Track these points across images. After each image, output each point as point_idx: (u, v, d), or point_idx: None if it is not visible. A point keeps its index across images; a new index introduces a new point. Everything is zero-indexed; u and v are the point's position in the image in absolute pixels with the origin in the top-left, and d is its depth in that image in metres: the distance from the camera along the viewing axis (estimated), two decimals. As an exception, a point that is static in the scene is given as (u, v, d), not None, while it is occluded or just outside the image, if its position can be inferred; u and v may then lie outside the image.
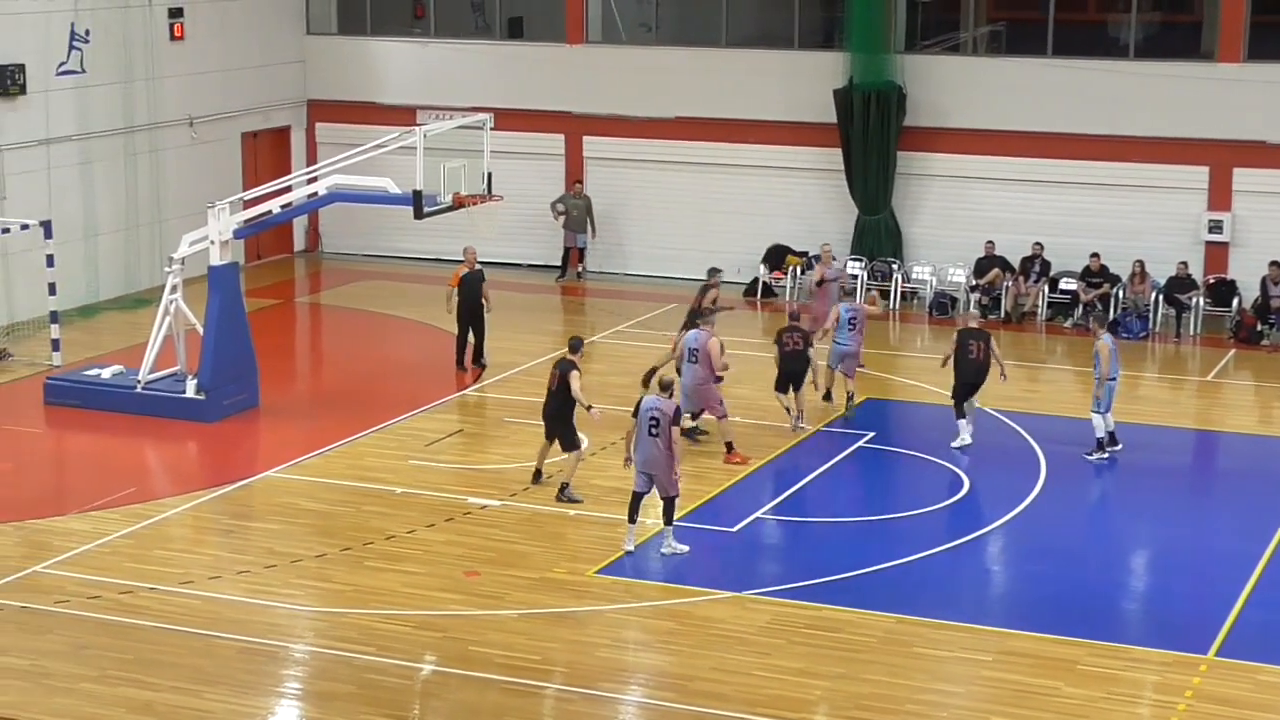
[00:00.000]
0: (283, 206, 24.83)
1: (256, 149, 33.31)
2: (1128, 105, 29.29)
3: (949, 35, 32.70)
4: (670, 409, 18.27)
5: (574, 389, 20.04)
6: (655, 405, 18.33)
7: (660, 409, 18.27)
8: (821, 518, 20.01)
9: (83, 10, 29.26)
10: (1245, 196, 28.92)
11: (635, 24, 33.73)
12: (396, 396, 24.27)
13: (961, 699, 15.43)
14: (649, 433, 18.26)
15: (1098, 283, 28.93)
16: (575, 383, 20.06)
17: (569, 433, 20.29)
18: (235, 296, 23.82)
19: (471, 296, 25.46)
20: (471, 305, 25.52)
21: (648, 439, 18.28)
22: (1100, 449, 21.82)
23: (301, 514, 19.86)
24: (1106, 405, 21.75)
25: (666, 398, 18.47)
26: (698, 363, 21.71)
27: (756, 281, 31.06)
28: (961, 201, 30.43)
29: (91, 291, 29.72)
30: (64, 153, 29.14)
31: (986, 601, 17.94)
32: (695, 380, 21.73)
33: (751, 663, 15.97)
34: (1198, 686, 15.55)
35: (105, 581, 17.68)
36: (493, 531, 19.26)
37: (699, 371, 21.70)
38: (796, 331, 22.82)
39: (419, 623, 16.81)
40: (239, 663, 15.91)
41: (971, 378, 22.29)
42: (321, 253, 34.59)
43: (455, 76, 32.96)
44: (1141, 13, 30.54)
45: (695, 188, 31.87)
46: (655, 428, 18.22)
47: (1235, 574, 18.11)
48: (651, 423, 18.25)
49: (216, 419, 23.13)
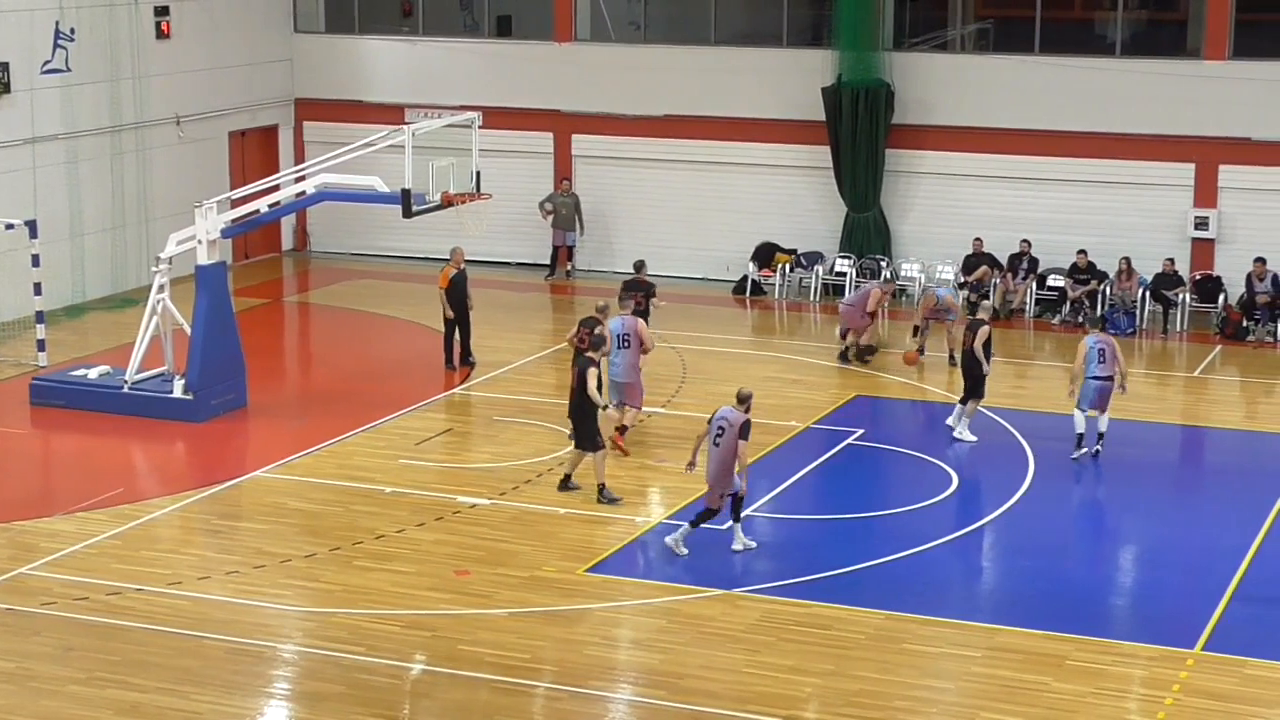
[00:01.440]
0: (270, 206, 24.78)
1: (244, 148, 33.27)
2: (1114, 102, 29.35)
3: (937, 33, 32.73)
4: (738, 422, 18.09)
5: (589, 387, 19.86)
6: (724, 416, 18.18)
7: (728, 420, 18.12)
8: (811, 515, 20.03)
9: (68, 8, 29.20)
10: (1231, 193, 29.00)
11: (624, 22, 33.71)
12: (385, 396, 24.25)
13: (951, 695, 15.45)
14: (713, 442, 18.16)
15: (1085, 279, 28.98)
16: (591, 380, 19.90)
17: (591, 432, 20.02)
18: (223, 296, 23.78)
19: (459, 296, 25.45)
20: (458, 305, 25.51)
21: (712, 448, 18.17)
22: (1077, 446, 21.74)
23: (290, 514, 19.84)
24: (1089, 403, 21.64)
25: (741, 410, 18.28)
26: (629, 348, 21.69)
27: (746, 279, 31.08)
28: (950, 199, 30.48)
29: (78, 291, 29.66)
30: (50, 152, 29.08)
31: (975, 598, 17.98)
32: (626, 364, 21.72)
33: (741, 660, 15.98)
34: (1185, 681, 15.59)
35: (92, 583, 17.65)
36: (482, 530, 19.25)
37: (629, 356, 21.71)
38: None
39: (408, 622, 16.81)
40: (227, 663, 15.89)
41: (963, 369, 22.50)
42: (309, 252, 34.55)
43: (443, 75, 32.94)
44: (1128, 10, 30.59)
45: (684, 186, 31.88)
46: (720, 437, 18.11)
47: (1222, 568, 18.15)
48: (718, 432, 18.13)
49: (204, 419, 23.10)
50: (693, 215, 31.85)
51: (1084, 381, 21.62)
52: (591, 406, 20.03)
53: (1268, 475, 21.35)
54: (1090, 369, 21.57)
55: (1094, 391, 21.62)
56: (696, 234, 31.74)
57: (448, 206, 23.75)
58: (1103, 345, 21.71)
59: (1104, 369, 21.60)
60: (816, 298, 30.64)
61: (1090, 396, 21.64)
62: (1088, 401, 21.66)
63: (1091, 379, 21.58)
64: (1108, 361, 21.63)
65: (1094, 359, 21.57)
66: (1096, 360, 21.57)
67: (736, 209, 31.54)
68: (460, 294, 25.47)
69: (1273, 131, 28.64)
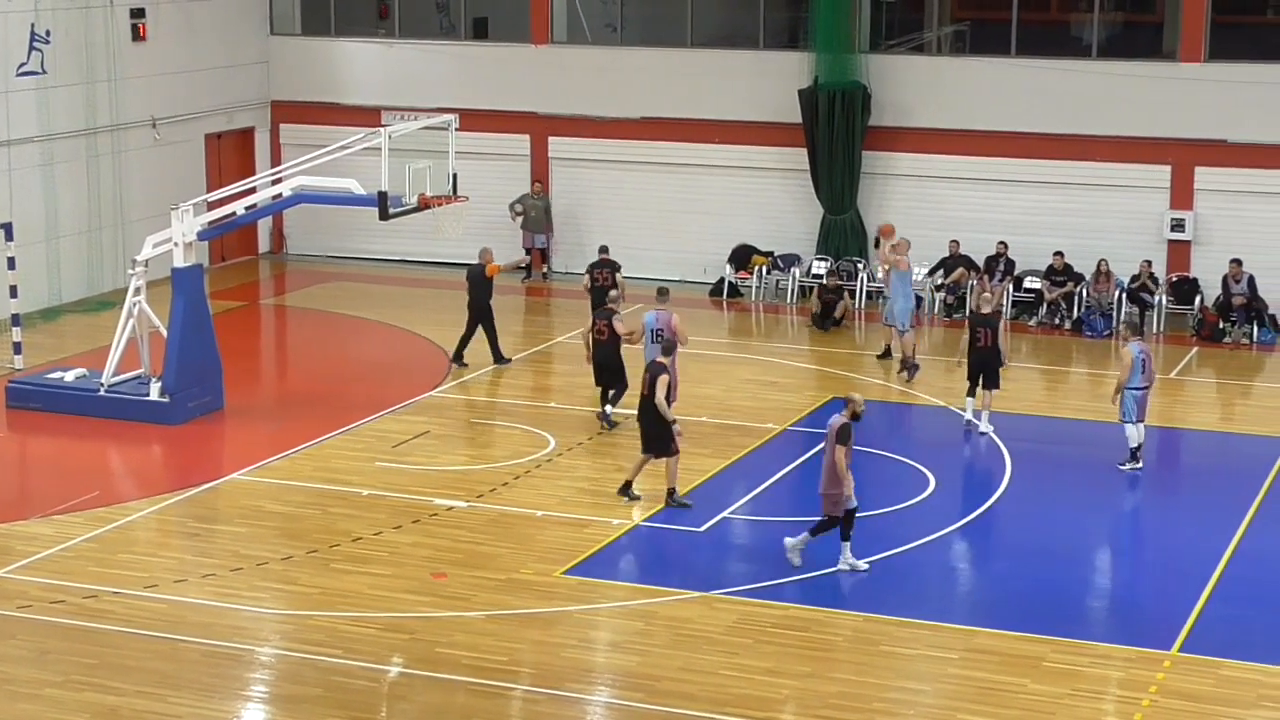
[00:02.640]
0: (247, 208, 24.75)
1: (220, 150, 33.19)
2: (1091, 104, 29.43)
3: (913, 35, 32.81)
4: (836, 424, 17.79)
5: (658, 396, 19.52)
6: (830, 421, 17.94)
7: (830, 425, 17.90)
8: (789, 517, 20.03)
9: (43, 10, 29.10)
10: (1207, 195, 29.09)
11: (600, 24, 33.71)
12: (363, 398, 24.21)
13: (928, 697, 15.48)
14: (823, 449, 17.96)
15: (1061, 281, 29.06)
16: (661, 389, 19.54)
17: (663, 437, 19.67)
18: (199, 299, 23.73)
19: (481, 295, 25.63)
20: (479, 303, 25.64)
21: (824, 456, 17.95)
22: (1133, 459, 21.38)
23: (267, 516, 19.80)
24: (1136, 415, 21.22)
25: (846, 415, 17.93)
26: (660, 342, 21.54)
27: (723, 281, 31.10)
28: (926, 201, 30.53)
29: (54, 294, 29.56)
30: (25, 154, 28.98)
31: (952, 600, 18.00)
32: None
33: (719, 662, 15.98)
34: (1162, 682, 15.64)
35: (69, 586, 17.59)
36: (460, 533, 19.23)
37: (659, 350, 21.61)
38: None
39: (386, 624, 16.78)
40: (204, 666, 15.85)
41: (978, 364, 22.51)
42: (286, 254, 34.47)
43: (420, 77, 32.90)
44: (1104, 12, 30.70)
45: (661, 188, 31.89)
46: (826, 444, 17.95)
47: (1198, 570, 18.21)
48: (826, 438, 17.97)
49: (181, 421, 23.04)
50: (670, 217, 31.85)
51: (1124, 393, 21.17)
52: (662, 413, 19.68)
53: (1244, 477, 21.41)
54: (1134, 379, 21.17)
55: (1135, 402, 21.18)
56: (673, 236, 31.74)
57: (424, 209, 23.71)
58: (1145, 355, 21.32)
59: (1144, 379, 21.30)
60: (793, 300, 30.68)
61: (1134, 409, 21.19)
62: (1134, 414, 21.23)
63: (1132, 389, 21.17)
64: (1148, 372, 21.35)
65: (1138, 369, 21.18)
66: (1140, 370, 21.21)
67: (713, 211, 31.56)
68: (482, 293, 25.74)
69: (1248, 133, 28.76)
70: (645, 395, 19.75)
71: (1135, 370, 21.15)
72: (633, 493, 20.01)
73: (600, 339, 22.56)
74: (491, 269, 25.70)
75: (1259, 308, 28.23)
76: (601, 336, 22.56)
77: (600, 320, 22.68)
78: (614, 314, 22.61)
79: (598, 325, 22.69)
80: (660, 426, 19.63)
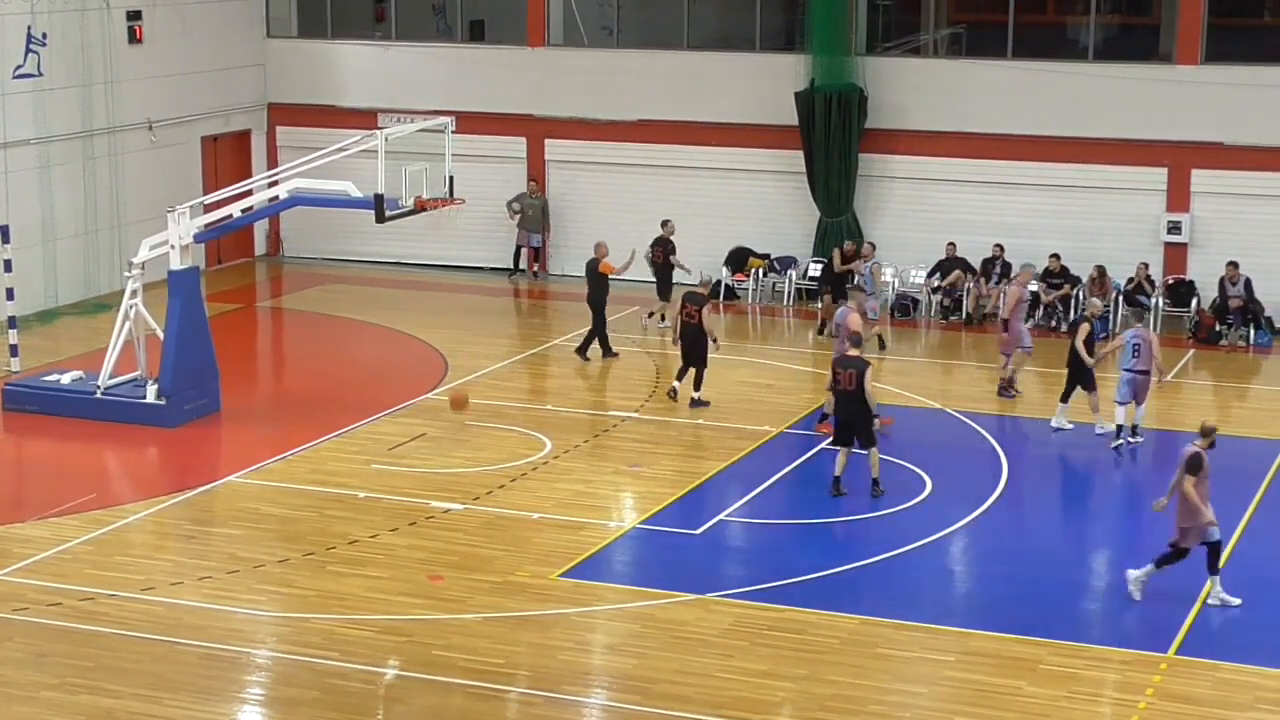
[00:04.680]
0: (243, 211, 24.73)
1: (217, 153, 33.18)
2: (1087, 107, 29.45)
3: (910, 37, 32.80)
4: (1188, 453, 17.26)
5: (867, 389, 20.17)
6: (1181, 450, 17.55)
7: (1180, 454, 17.47)
8: (784, 519, 20.04)
9: (40, 13, 29.10)
10: (1203, 197, 29.11)
11: (597, 27, 33.72)
12: (359, 401, 24.20)
13: (924, 699, 15.47)
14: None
15: (1058, 283, 29.06)
16: (869, 383, 20.23)
17: (868, 430, 20.38)
18: (196, 301, 23.73)
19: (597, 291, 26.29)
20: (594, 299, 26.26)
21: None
22: (1117, 436, 22.34)
23: (264, 519, 19.79)
24: (1125, 395, 22.27)
25: (1199, 445, 17.36)
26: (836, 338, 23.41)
27: (719, 284, 31.09)
28: (923, 203, 30.55)
29: (50, 296, 29.56)
30: (21, 156, 28.97)
31: (949, 602, 17.99)
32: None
33: (715, 665, 15.98)
34: (1158, 684, 15.64)
35: (65, 588, 17.58)
36: (456, 535, 19.22)
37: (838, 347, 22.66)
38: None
39: (382, 627, 16.77)
40: (201, 669, 15.84)
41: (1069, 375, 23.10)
42: (283, 257, 34.47)
43: (416, 79, 32.90)
44: (1100, 15, 30.71)
45: (657, 190, 31.88)
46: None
47: (1195, 573, 18.19)
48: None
49: (177, 424, 23.03)
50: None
51: (1120, 374, 22.44)
52: (867, 406, 20.30)
53: (1240, 479, 21.38)
54: (1124, 361, 22.35)
55: (1126, 384, 22.33)
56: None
57: (421, 211, 23.70)
58: (1138, 340, 22.37)
59: (1138, 363, 22.31)
60: (790, 302, 30.68)
61: (1124, 389, 22.33)
62: (1122, 394, 22.34)
63: (1125, 371, 22.34)
64: (1142, 356, 22.29)
65: (1129, 353, 22.31)
66: (1131, 354, 22.28)
67: (710, 214, 31.55)
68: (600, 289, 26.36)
69: (1245, 136, 28.77)
70: (850, 391, 20.24)
71: (1126, 353, 22.34)
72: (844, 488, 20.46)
73: (690, 322, 23.58)
74: (604, 267, 26.30)
75: (1255, 310, 28.26)
76: (691, 320, 23.57)
77: (691, 304, 23.67)
78: (705, 300, 23.79)
79: (688, 309, 23.67)
80: (865, 422, 20.29)
